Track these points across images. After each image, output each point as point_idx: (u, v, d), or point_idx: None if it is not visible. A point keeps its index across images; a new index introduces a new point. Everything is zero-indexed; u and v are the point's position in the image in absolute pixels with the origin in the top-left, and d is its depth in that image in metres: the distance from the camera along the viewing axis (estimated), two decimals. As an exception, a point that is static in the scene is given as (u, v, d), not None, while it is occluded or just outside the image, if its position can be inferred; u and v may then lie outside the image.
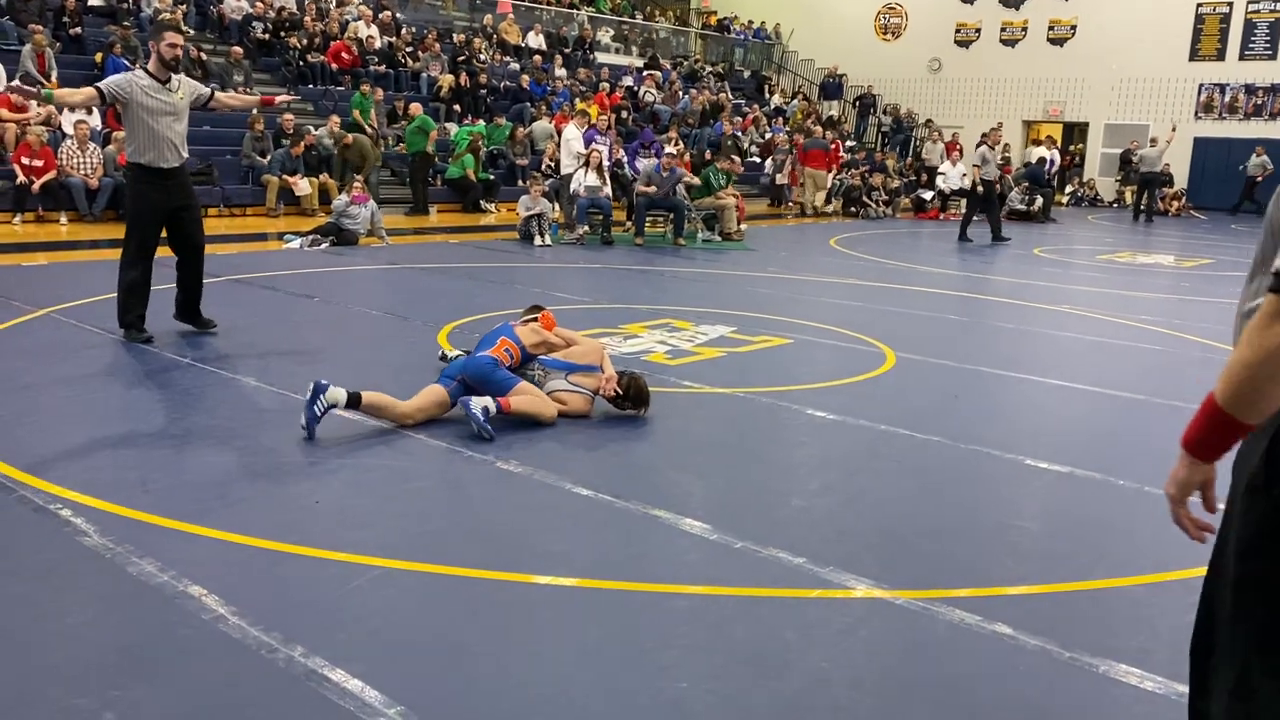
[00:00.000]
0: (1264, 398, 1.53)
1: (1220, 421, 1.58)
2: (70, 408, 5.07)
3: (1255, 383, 1.52)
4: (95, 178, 12.57)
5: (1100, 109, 25.23)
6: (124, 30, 15.48)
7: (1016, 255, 14.27)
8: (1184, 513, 1.70)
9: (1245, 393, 1.53)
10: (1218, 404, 1.57)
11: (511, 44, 22.07)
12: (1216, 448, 1.62)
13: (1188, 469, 1.66)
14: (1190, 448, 1.65)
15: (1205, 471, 1.65)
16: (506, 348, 5.20)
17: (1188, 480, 1.66)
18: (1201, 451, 1.64)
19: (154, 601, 3.03)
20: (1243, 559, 1.65)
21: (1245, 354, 1.52)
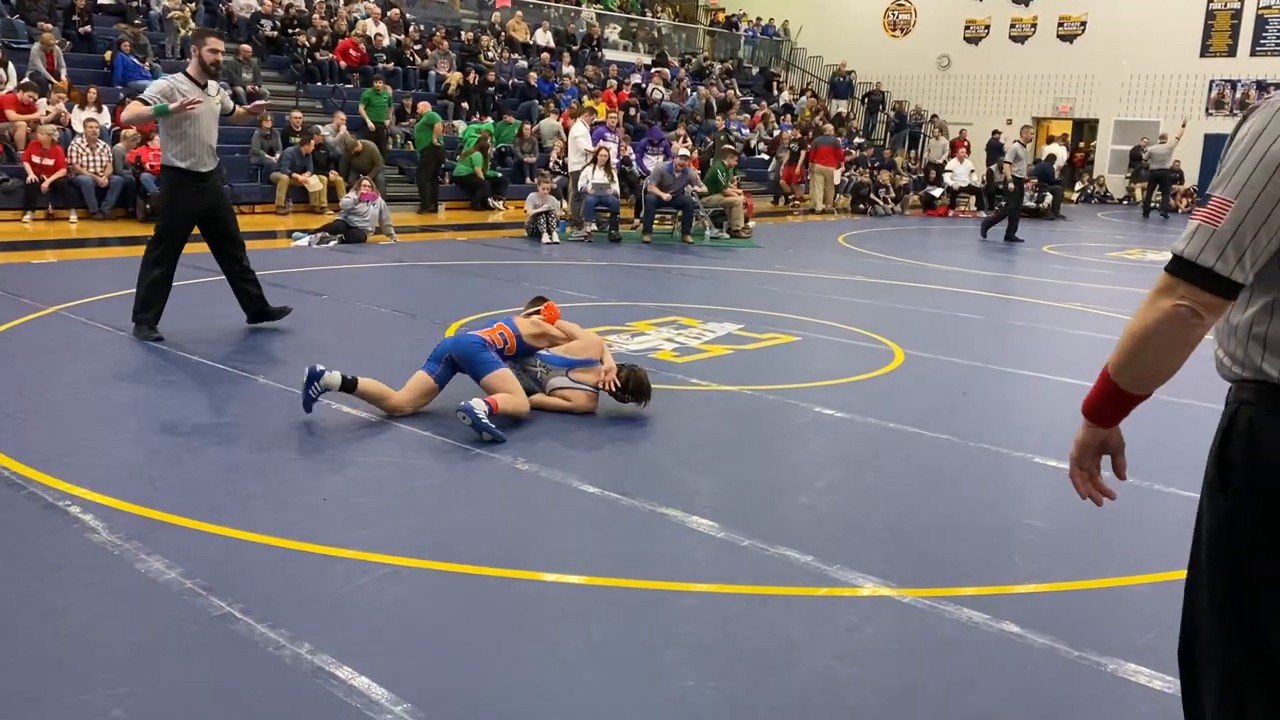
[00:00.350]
0: (1142, 369, 1.63)
1: (1109, 389, 1.69)
2: (79, 405, 5.08)
3: (1135, 354, 1.62)
4: (105, 175, 12.60)
5: (1110, 105, 25.13)
6: (133, 28, 15.53)
7: (1026, 252, 14.23)
8: (1079, 473, 1.81)
9: (1130, 364, 1.64)
10: (1109, 374, 1.68)
11: (519, 42, 22.07)
12: (1108, 414, 1.73)
13: (1085, 432, 1.78)
14: (1085, 411, 1.77)
15: (1101, 435, 1.77)
16: (501, 332, 5.22)
17: (1085, 442, 1.78)
18: (1094, 415, 1.75)
19: (162, 598, 3.04)
20: (1210, 557, 1.70)
21: (1131, 325, 1.62)
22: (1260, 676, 1.65)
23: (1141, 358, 1.62)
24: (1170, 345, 1.59)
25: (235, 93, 15.89)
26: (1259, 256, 1.54)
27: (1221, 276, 1.54)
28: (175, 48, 16.56)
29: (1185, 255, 1.56)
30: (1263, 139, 1.52)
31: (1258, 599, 1.64)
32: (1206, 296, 1.55)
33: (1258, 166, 1.52)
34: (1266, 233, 1.53)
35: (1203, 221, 1.56)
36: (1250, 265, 1.54)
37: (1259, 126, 1.54)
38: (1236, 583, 1.66)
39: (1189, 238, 1.57)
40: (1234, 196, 1.53)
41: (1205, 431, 1.80)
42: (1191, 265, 1.55)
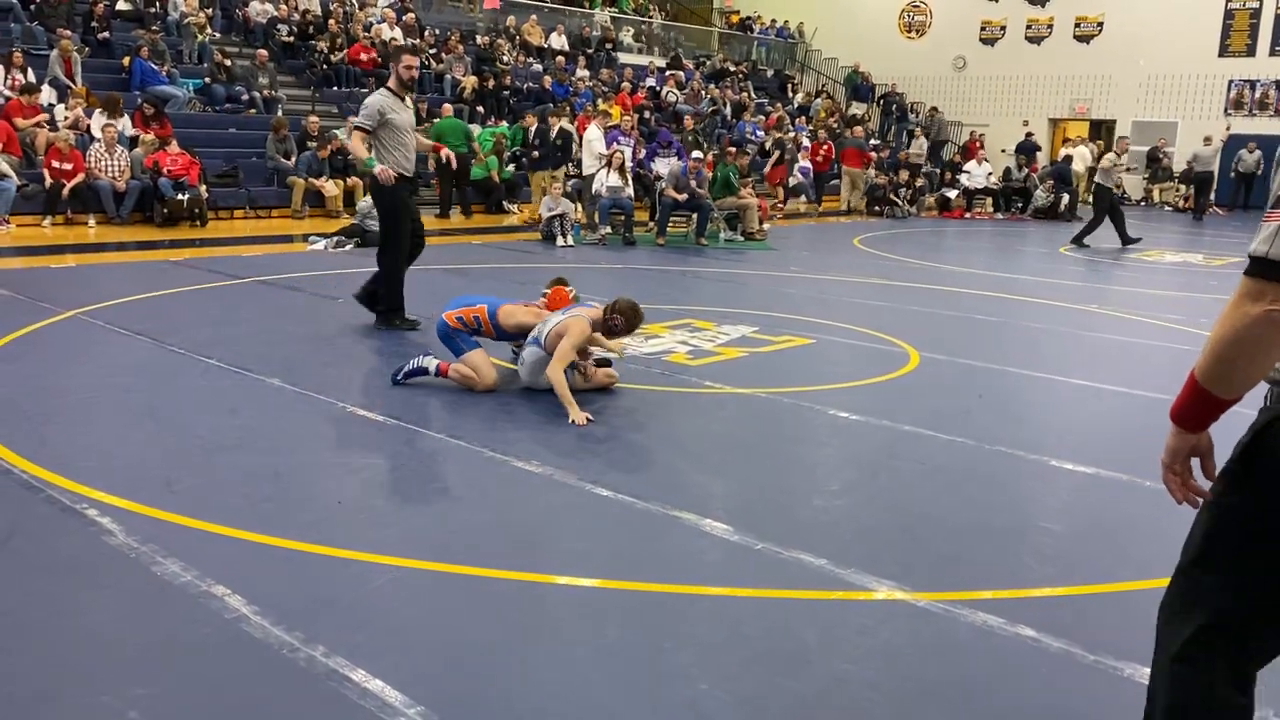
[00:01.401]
0: (1236, 373, 1.63)
1: (1198, 395, 1.70)
2: (97, 408, 5.12)
3: (1224, 360, 1.63)
4: (123, 180, 12.68)
5: (1128, 106, 24.96)
6: (151, 34, 15.63)
7: (1042, 254, 14.16)
8: (1171, 477, 1.82)
9: (1221, 370, 1.64)
10: (1197, 379, 1.69)
11: (534, 45, 22.12)
12: (1200, 419, 1.74)
13: (1175, 438, 1.79)
14: (1175, 418, 1.77)
15: (1191, 440, 1.77)
16: (476, 314, 5.65)
17: (1175, 448, 1.79)
18: (1186, 423, 1.76)
19: (178, 600, 3.06)
20: (1208, 542, 1.78)
21: (1217, 332, 1.63)
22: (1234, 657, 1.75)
23: (1234, 363, 1.62)
24: (1264, 349, 1.60)
25: (252, 97, 16.01)
26: None
27: None
28: (193, 53, 16.66)
29: (1272, 256, 1.55)
30: None
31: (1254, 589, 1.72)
32: None
33: None
34: None
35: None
36: None
37: None
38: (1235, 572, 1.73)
39: (1270, 239, 1.56)
40: None
41: (1222, 436, 1.79)
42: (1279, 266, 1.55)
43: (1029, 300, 9.60)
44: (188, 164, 13.00)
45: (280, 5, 18.59)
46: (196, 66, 16.45)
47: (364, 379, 5.93)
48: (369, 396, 5.35)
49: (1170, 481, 1.82)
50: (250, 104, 15.97)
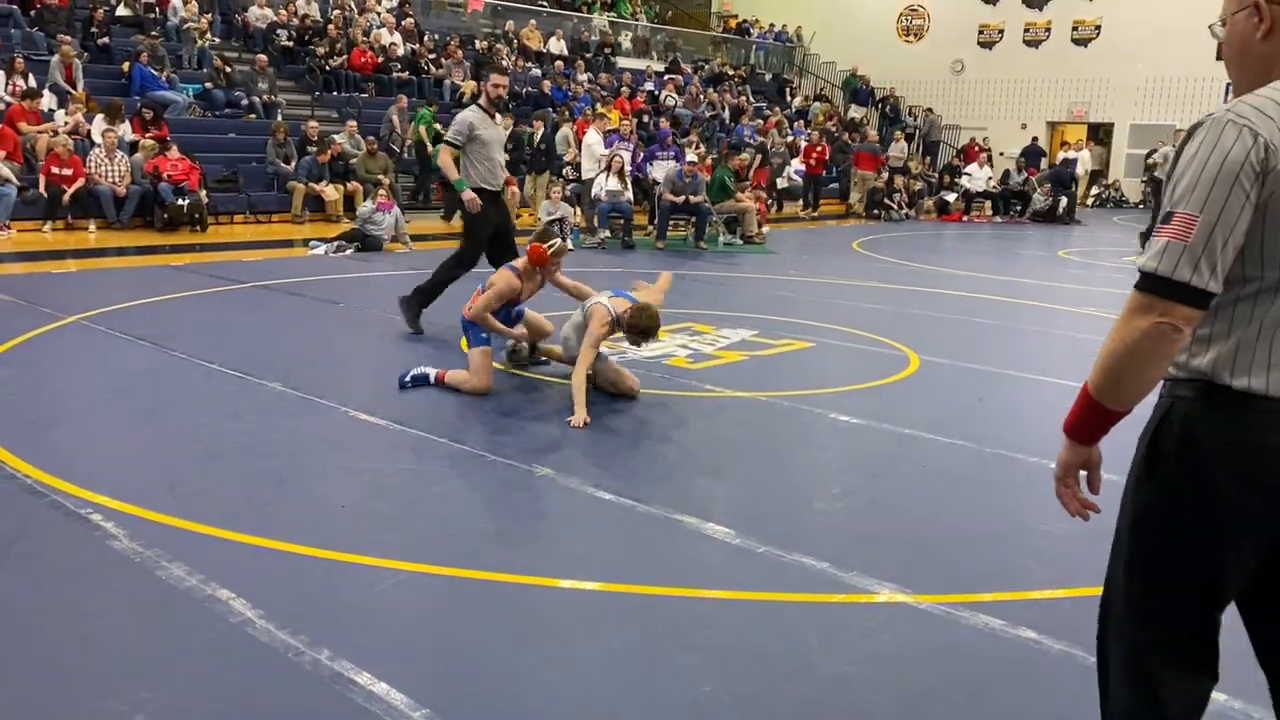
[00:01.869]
0: (1127, 385, 1.68)
1: (1092, 408, 1.74)
2: (100, 414, 5.13)
3: (1116, 373, 1.68)
4: (123, 185, 12.70)
5: (1125, 109, 25.02)
6: (151, 40, 15.65)
7: (1041, 257, 14.20)
8: (1065, 491, 1.85)
9: (1114, 383, 1.69)
10: (1089, 392, 1.73)
11: (533, 50, 22.15)
12: (1092, 432, 1.78)
13: (1068, 451, 1.82)
14: (1069, 432, 1.81)
15: (1084, 454, 1.81)
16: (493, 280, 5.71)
17: (1068, 461, 1.82)
18: (1079, 435, 1.80)
19: (183, 605, 3.07)
20: (1132, 540, 1.81)
21: (1108, 345, 1.67)
22: (1171, 655, 1.77)
23: (1126, 376, 1.67)
24: (1153, 361, 1.65)
25: (251, 102, 16.03)
26: (1227, 265, 1.61)
27: (1198, 289, 1.60)
28: (193, 59, 16.68)
29: (1160, 273, 1.62)
30: (1215, 154, 1.59)
31: (1176, 584, 1.75)
32: (1186, 310, 1.61)
33: (1216, 179, 1.59)
34: (1233, 242, 1.60)
35: (1172, 238, 1.61)
36: (1221, 274, 1.61)
37: (1209, 143, 1.61)
38: (1157, 569, 1.77)
39: (1159, 255, 1.62)
40: (1198, 211, 1.60)
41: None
42: (1168, 282, 1.61)
43: (1028, 303, 9.62)
44: (188, 169, 13.02)
45: (279, 10, 18.62)
46: (196, 72, 16.47)
47: (366, 383, 5.95)
48: (371, 401, 5.36)
49: (1063, 495, 1.86)
50: (250, 109, 15.99)
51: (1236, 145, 1.58)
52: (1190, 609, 1.76)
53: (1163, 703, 1.78)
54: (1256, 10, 1.71)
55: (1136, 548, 1.79)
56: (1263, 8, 1.70)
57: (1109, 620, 1.87)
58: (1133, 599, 1.80)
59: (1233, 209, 1.58)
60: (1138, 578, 1.79)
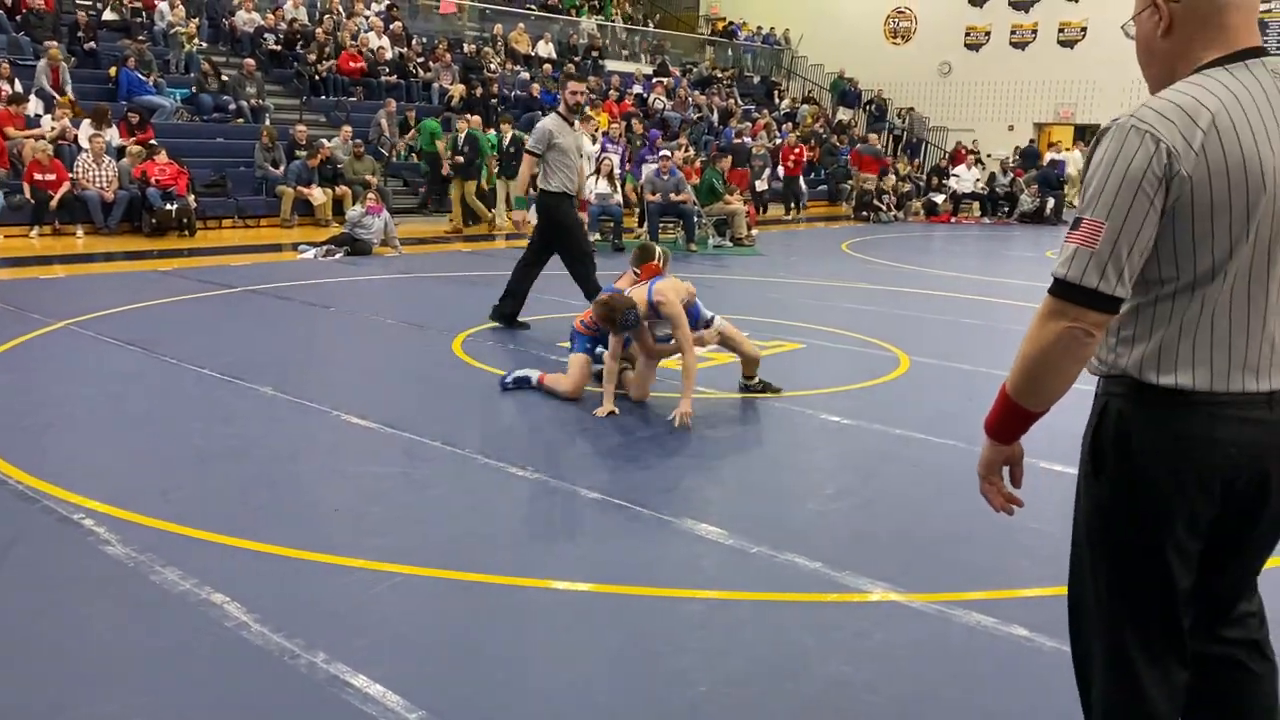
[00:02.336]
0: (1043, 387, 1.73)
1: (1010, 409, 1.79)
2: (91, 419, 5.12)
3: (1031, 375, 1.72)
4: (111, 190, 12.67)
5: (1112, 110, 25.00)
6: (138, 44, 15.60)
7: (1028, 258, 14.25)
8: (989, 488, 1.91)
9: (1029, 385, 1.74)
10: (1008, 394, 1.77)
11: (521, 53, 22.15)
12: (1012, 432, 1.83)
13: (990, 450, 1.87)
14: (989, 432, 1.86)
15: (1006, 452, 1.86)
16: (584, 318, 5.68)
17: (990, 460, 1.88)
18: (999, 435, 1.85)
19: (178, 609, 3.07)
20: (1088, 537, 1.86)
21: (1024, 348, 1.71)
22: (1145, 648, 1.81)
23: (1040, 378, 1.72)
24: (1066, 364, 1.69)
25: (239, 107, 15.99)
26: (1135, 270, 1.65)
27: (1105, 295, 1.64)
28: (180, 63, 16.63)
29: (1069, 279, 1.65)
30: (1120, 161, 1.62)
31: (1137, 580, 1.80)
32: (1095, 315, 1.65)
33: (1121, 186, 1.62)
34: (1139, 248, 1.63)
35: (1080, 245, 1.65)
36: (1129, 279, 1.65)
37: (1114, 150, 1.64)
38: (1116, 568, 1.81)
39: (1069, 262, 1.66)
40: (1104, 218, 1.63)
41: None
42: (1077, 288, 1.64)
43: (1017, 304, 9.66)
44: (176, 174, 12.99)
45: (267, 15, 18.59)
46: (183, 76, 16.43)
47: (358, 387, 5.94)
48: (363, 404, 5.35)
49: (988, 492, 1.91)
50: (238, 113, 15.95)
51: (1139, 153, 1.61)
52: (1154, 601, 1.79)
53: (1146, 693, 1.81)
54: (1156, 8, 1.74)
55: (1093, 545, 1.84)
56: (1161, 6, 1.74)
57: (1081, 615, 1.91)
58: (1100, 595, 1.84)
59: (1137, 216, 1.61)
60: (1101, 574, 1.83)
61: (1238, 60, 1.69)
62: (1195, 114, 1.62)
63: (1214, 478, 1.71)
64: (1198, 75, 1.69)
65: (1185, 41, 1.73)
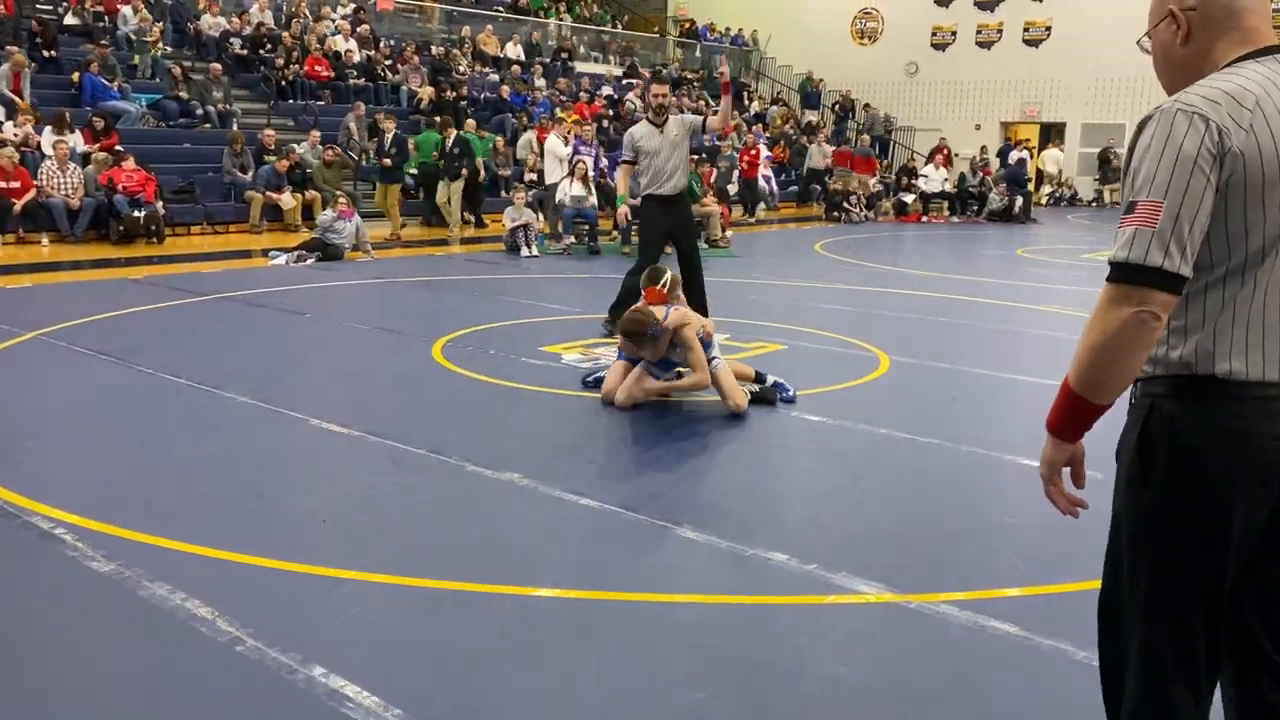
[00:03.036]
0: (1108, 379, 1.68)
1: (1075, 404, 1.73)
2: (69, 431, 5.04)
3: (1098, 366, 1.68)
4: (76, 198, 12.48)
5: (1077, 109, 25.42)
6: (101, 49, 15.38)
7: (1000, 256, 14.38)
8: (1055, 490, 1.85)
9: (1097, 376, 1.69)
10: (1071, 387, 1.72)
11: (490, 55, 22.07)
12: (1076, 428, 1.77)
13: (1054, 449, 1.81)
14: (1053, 429, 1.80)
15: (1070, 450, 1.81)
16: None
17: (1054, 459, 1.82)
18: (1063, 433, 1.79)
19: (169, 625, 3.01)
20: (1131, 540, 1.80)
21: (1088, 339, 1.67)
22: (1181, 656, 1.77)
23: (1106, 369, 1.67)
24: (1133, 351, 1.65)
25: (206, 112, 15.81)
26: (1195, 249, 1.63)
27: (1170, 273, 1.62)
28: (148, 68, 16.41)
29: (1132, 261, 1.63)
30: (1170, 142, 1.62)
31: (1181, 585, 1.76)
32: (1162, 295, 1.62)
33: (1176, 165, 1.62)
34: (1199, 224, 1.62)
35: (1139, 226, 1.63)
36: (1190, 257, 1.63)
37: (1162, 133, 1.64)
38: (1160, 571, 1.77)
39: (1129, 244, 1.64)
40: (1162, 198, 1.62)
41: None
42: (1140, 269, 1.62)
43: (992, 302, 9.74)
44: (143, 180, 12.83)
45: (232, 18, 18.40)
46: (149, 81, 16.22)
47: (339, 395, 5.89)
48: (346, 412, 5.30)
49: (1052, 493, 1.86)
50: (204, 118, 15.78)
51: (1190, 133, 1.62)
52: (1196, 607, 1.76)
53: (1174, 701, 1.78)
54: (1173, 18, 1.76)
55: (1138, 552, 1.79)
56: (1178, 15, 1.76)
57: (1115, 619, 1.86)
58: (1139, 600, 1.80)
59: (1195, 192, 1.61)
60: (1142, 579, 1.79)
61: (1265, 55, 1.71)
62: (1240, 97, 1.64)
63: (1270, 470, 1.69)
64: (1230, 68, 1.70)
65: (1205, 47, 1.75)
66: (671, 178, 7.53)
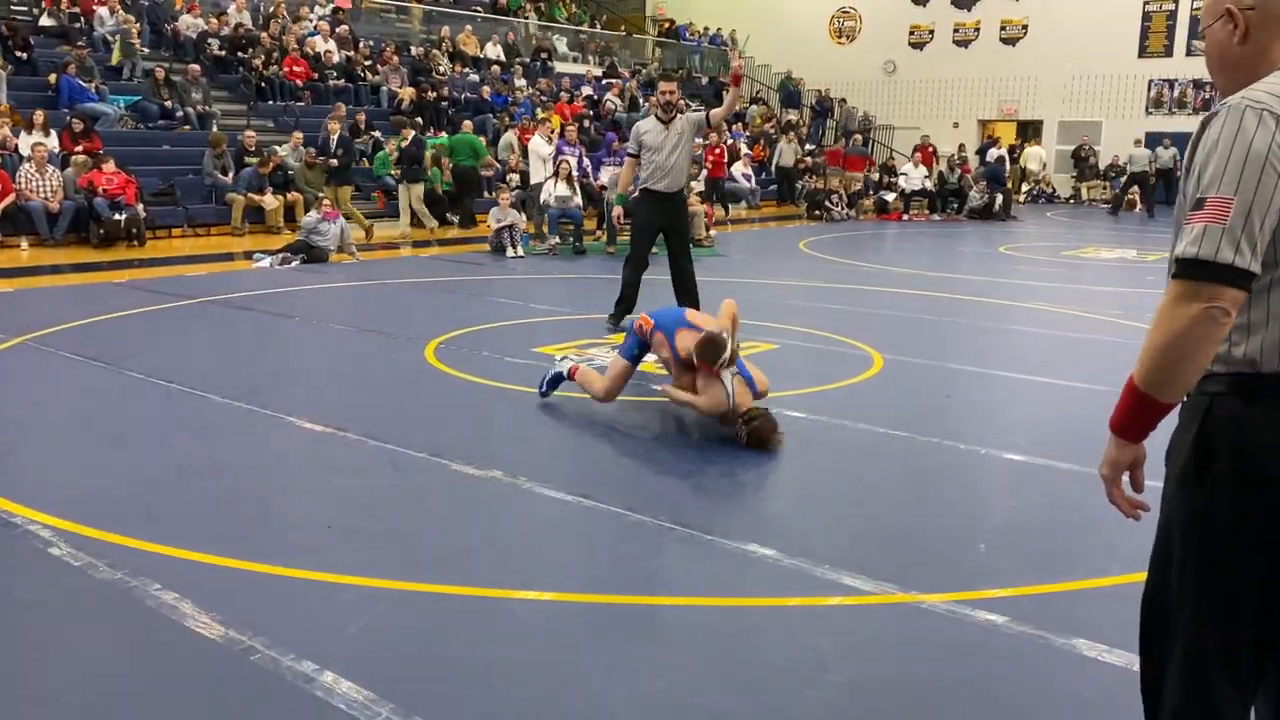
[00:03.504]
0: (1177, 377, 1.67)
1: (1141, 403, 1.71)
2: (63, 438, 4.97)
3: (1166, 364, 1.66)
4: (56, 201, 12.34)
5: (1054, 106, 25.61)
6: (78, 50, 15.22)
7: (983, 254, 14.45)
8: (1118, 492, 1.84)
9: (1162, 373, 1.67)
10: (1137, 386, 1.70)
11: (470, 55, 21.99)
12: (1141, 428, 1.75)
13: (1118, 450, 1.79)
14: (1117, 430, 1.78)
15: (1134, 451, 1.78)
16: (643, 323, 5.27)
17: (1118, 460, 1.80)
18: (1128, 433, 1.77)
19: (180, 635, 2.97)
20: (1184, 540, 1.77)
21: (1155, 338, 1.66)
22: (1226, 658, 1.76)
23: (1174, 367, 1.66)
24: (1202, 349, 1.64)
25: (185, 113, 15.66)
26: (1264, 245, 1.63)
27: (1240, 269, 1.61)
28: (138, 69, 16.23)
29: (1202, 257, 1.62)
30: (1240, 138, 1.62)
31: (1233, 586, 1.74)
32: (1231, 292, 1.62)
33: (1245, 163, 1.61)
34: (1268, 222, 1.62)
35: (1209, 222, 1.63)
36: (1260, 254, 1.62)
37: (1231, 129, 1.64)
38: (1212, 572, 1.74)
39: (1199, 240, 1.63)
40: (1232, 194, 1.62)
41: None
42: (1210, 265, 1.61)
43: (978, 300, 9.78)
44: (123, 183, 12.69)
45: (210, 19, 18.25)
46: (126, 82, 16.05)
47: (333, 398, 5.84)
48: (342, 416, 5.26)
49: (1115, 496, 1.84)
50: (184, 120, 15.63)
51: (1260, 130, 1.62)
52: (1248, 610, 1.74)
53: (1217, 708, 1.77)
54: (1230, 17, 1.76)
55: (1189, 553, 1.77)
56: (1236, 14, 1.76)
57: (1161, 623, 1.84)
58: (1188, 604, 1.78)
59: (1266, 188, 1.61)
60: (1191, 582, 1.77)
61: None
62: None
63: None
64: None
65: (1263, 46, 1.75)
66: (670, 175, 7.63)
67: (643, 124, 7.83)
